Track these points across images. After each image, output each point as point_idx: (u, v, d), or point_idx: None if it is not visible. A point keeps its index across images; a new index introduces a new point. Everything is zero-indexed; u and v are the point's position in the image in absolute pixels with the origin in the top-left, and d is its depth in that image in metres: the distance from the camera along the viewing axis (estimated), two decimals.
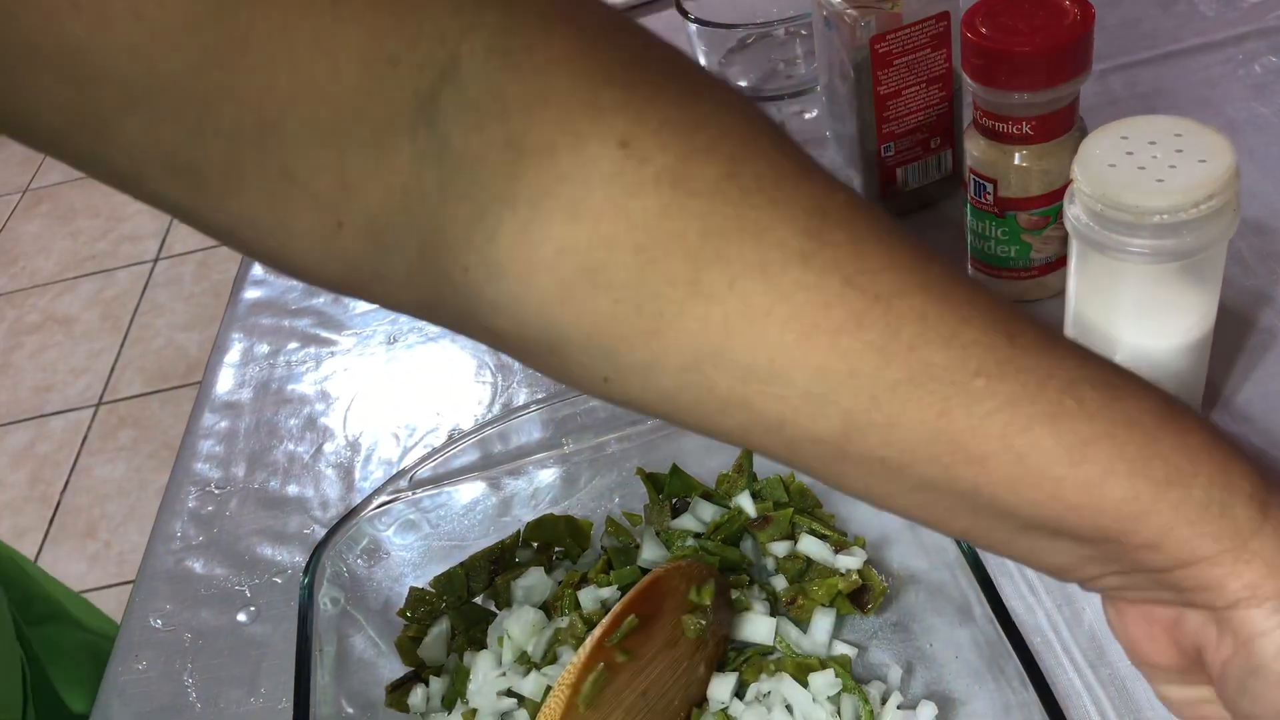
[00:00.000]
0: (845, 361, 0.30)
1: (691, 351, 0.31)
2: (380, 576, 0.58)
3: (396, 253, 0.32)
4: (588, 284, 0.31)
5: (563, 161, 0.30)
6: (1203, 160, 0.47)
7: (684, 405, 0.33)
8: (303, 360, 0.77)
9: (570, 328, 0.32)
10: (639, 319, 0.31)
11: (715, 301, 0.30)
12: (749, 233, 0.30)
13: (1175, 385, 0.53)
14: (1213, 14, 0.82)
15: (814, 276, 0.30)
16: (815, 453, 0.32)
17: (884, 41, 0.65)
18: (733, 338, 0.31)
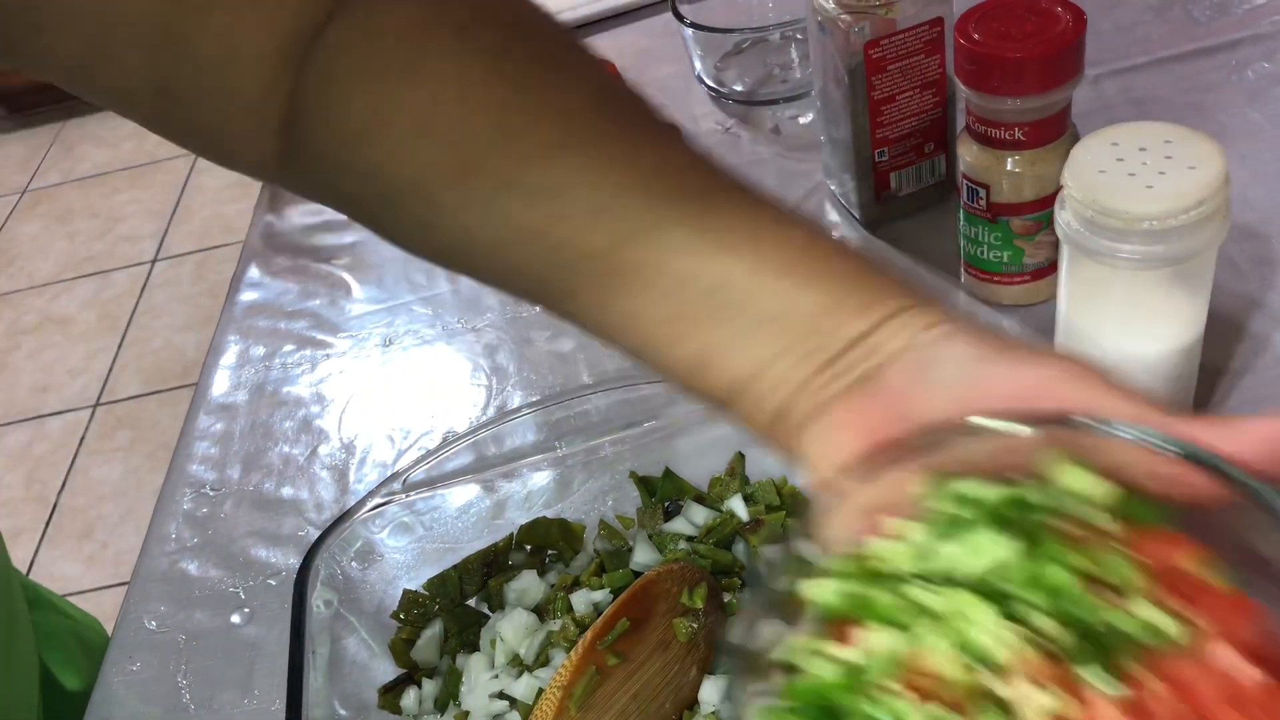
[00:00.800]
0: (621, 179, 0.39)
1: (494, 182, 0.39)
2: (374, 579, 0.58)
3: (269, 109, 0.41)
4: (417, 137, 0.40)
5: (410, 41, 0.40)
6: (1192, 167, 0.47)
7: (486, 243, 0.41)
8: (298, 363, 0.77)
9: (401, 178, 0.40)
10: (455, 162, 0.40)
11: (517, 140, 0.39)
12: (553, 87, 0.40)
13: (1165, 390, 0.54)
14: (1206, 20, 0.82)
15: (603, 124, 0.40)
16: (588, 269, 0.40)
17: (878, 47, 0.65)
18: (529, 168, 0.39)
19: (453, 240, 0.42)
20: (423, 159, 0.41)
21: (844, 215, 0.76)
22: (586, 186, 0.40)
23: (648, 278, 0.39)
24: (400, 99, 0.40)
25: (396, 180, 0.41)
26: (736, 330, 0.39)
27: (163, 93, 0.41)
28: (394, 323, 0.78)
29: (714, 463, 0.60)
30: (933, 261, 0.70)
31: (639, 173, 0.40)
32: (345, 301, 0.81)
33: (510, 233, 0.41)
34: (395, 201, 0.42)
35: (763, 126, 0.85)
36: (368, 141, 0.41)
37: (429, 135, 0.40)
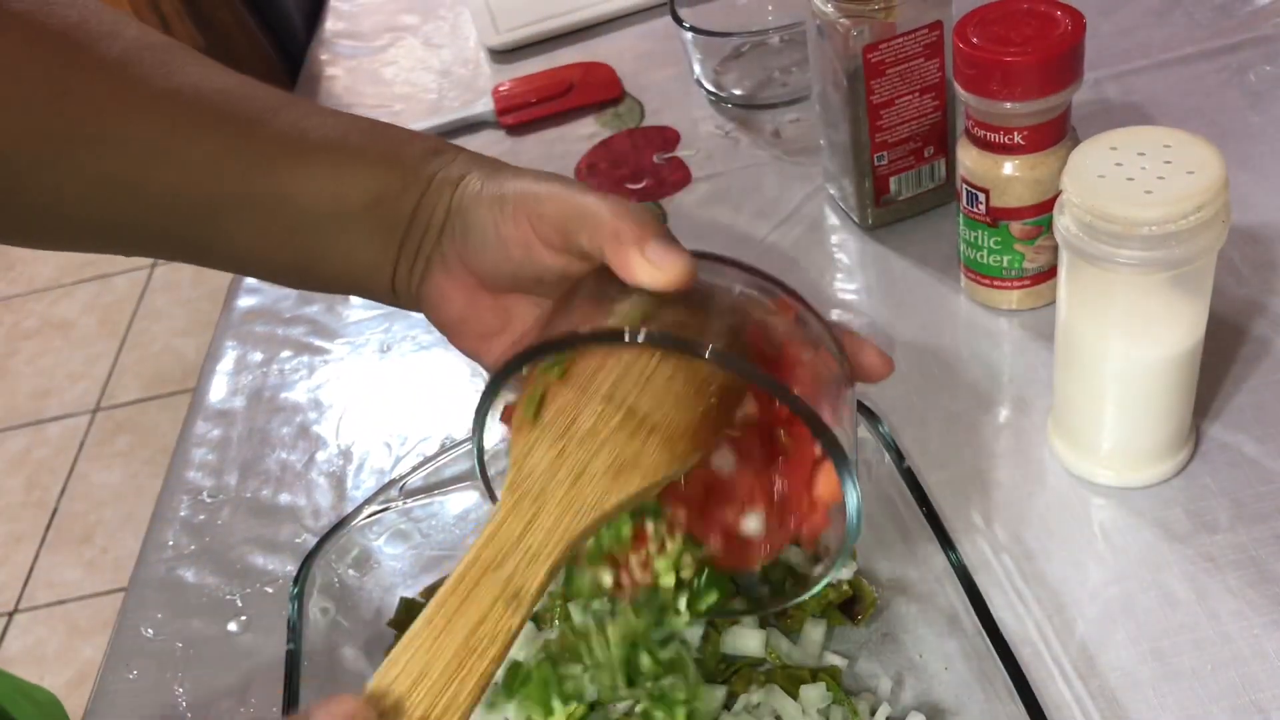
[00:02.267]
0: (188, 118, 0.46)
1: (65, 140, 0.45)
2: (371, 586, 0.58)
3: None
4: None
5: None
6: (1191, 171, 0.47)
7: (75, 199, 0.46)
8: (296, 368, 0.77)
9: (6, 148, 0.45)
10: (21, 126, 0.45)
11: (74, 96, 0.45)
12: (101, 39, 0.46)
13: (1166, 395, 0.53)
14: (1207, 23, 0.82)
15: (152, 69, 0.46)
16: (176, 210, 0.47)
17: (877, 51, 0.65)
18: (103, 121, 0.45)
19: (42, 203, 0.47)
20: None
21: (843, 219, 0.76)
22: (174, 144, 0.46)
23: (239, 210, 0.47)
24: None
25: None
26: (316, 238, 0.48)
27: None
28: (391, 329, 0.78)
29: None
30: (932, 266, 0.70)
31: (202, 110, 0.47)
32: (343, 307, 0.81)
33: (100, 188, 0.47)
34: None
35: (762, 130, 0.85)
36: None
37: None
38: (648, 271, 0.41)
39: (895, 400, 0.63)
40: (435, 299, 0.49)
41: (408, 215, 0.48)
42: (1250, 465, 0.56)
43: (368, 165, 0.48)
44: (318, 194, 0.47)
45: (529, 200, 0.45)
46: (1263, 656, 0.49)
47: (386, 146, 0.49)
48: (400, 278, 0.49)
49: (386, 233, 0.48)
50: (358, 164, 0.48)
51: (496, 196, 0.46)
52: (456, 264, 0.48)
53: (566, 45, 0.99)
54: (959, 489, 0.58)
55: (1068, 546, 0.55)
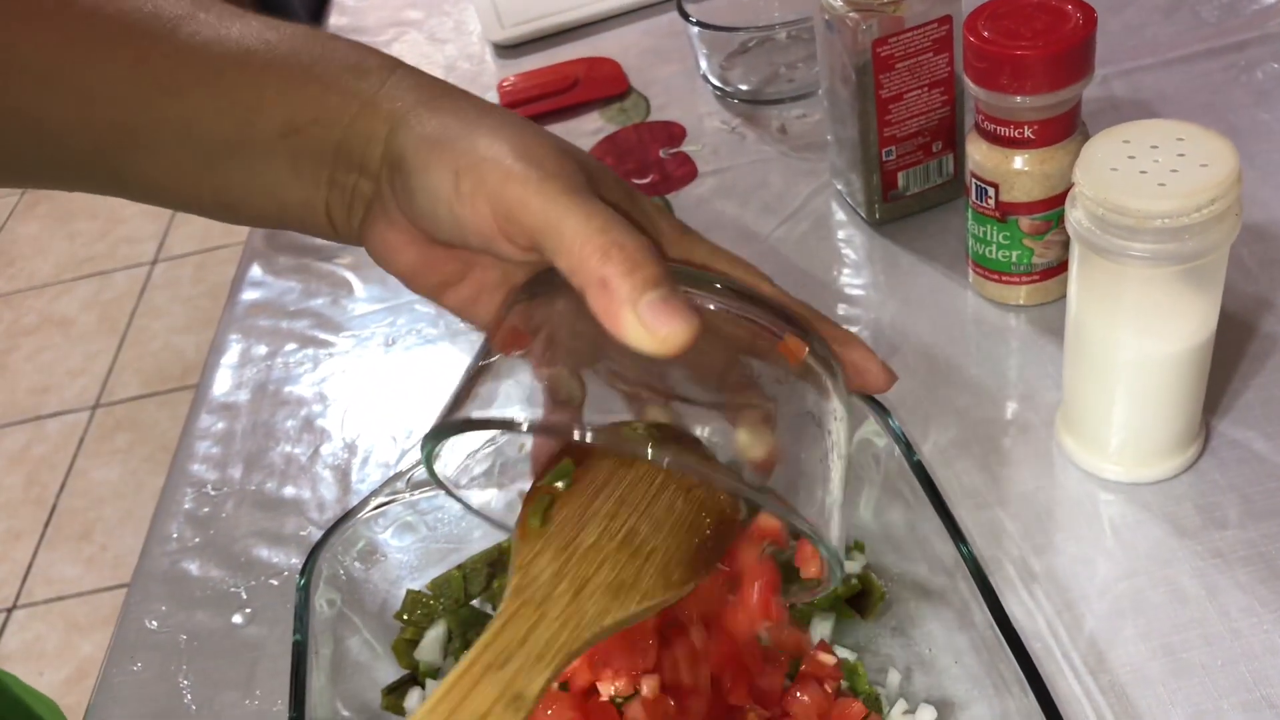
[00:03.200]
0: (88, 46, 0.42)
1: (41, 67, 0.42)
2: (377, 579, 0.58)
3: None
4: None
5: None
6: (1204, 164, 0.47)
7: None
8: (300, 362, 0.77)
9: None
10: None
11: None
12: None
13: (1176, 390, 0.53)
14: (1215, 20, 0.82)
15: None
16: (90, 144, 0.43)
17: (886, 45, 0.65)
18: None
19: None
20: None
21: (850, 214, 0.75)
22: (71, 68, 0.42)
23: (145, 139, 0.43)
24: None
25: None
26: (233, 171, 0.43)
27: None
28: (396, 322, 0.78)
29: None
30: (940, 261, 0.70)
31: (96, 29, 0.42)
32: (348, 301, 0.81)
33: (11, 118, 0.42)
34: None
35: (769, 126, 0.85)
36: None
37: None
38: (642, 339, 0.35)
39: (904, 395, 0.63)
40: (380, 249, 0.43)
41: (331, 148, 0.42)
42: (1260, 461, 0.56)
43: (275, 86, 0.41)
44: (222, 121, 0.42)
45: (491, 188, 0.38)
46: (1273, 652, 0.49)
47: (298, 62, 0.42)
48: (337, 219, 0.43)
49: (310, 170, 0.42)
50: (264, 84, 0.41)
51: (451, 163, 0.39)
52: (400, 219, 0.42)
53: (571, 40, 0.99)
54: (968, 484, 0.58)
55: (1077, 542, 0.54)
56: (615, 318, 0.35)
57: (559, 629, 0.38)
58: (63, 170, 0.46)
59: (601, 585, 0.39)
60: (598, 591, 0.39)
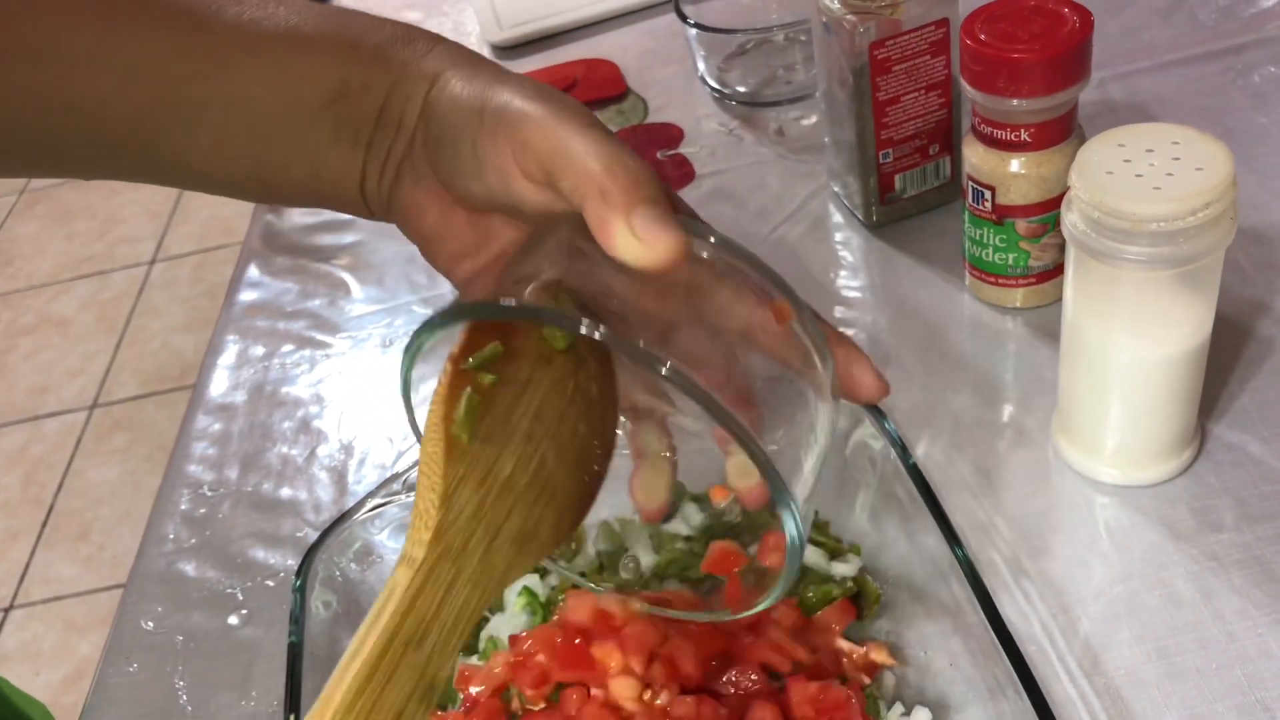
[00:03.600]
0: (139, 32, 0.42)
1: (19, 53, 0.41)
2: (373, 580, 0.58)
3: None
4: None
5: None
6: (1200, 168, 0.47)
7: (20, 117, 0.42)
8: (297, 363, 0.77)
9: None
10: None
11: (31, 9, 0.41)
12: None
13: (1172, 393, 0.53)
14: (1212, 24, 0.82)
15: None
16: (128, 126, 0.43)
17: (883, 47, 0.65)
18: (56, 36, 0.41)
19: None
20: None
21: (847, 217, 0.75)
22: (114, 48, 0.42)
23: (189, 114, 0.43)
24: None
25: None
26: (276, 142, 0.43)
27: None
28: (394, 323, 0.78)
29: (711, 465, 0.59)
30: (937, 264, 0.70)
31: (140, 10, 0.42)
32: (345, 302, 0.81)
33: (38, 103, 0.42)
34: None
35: (766, 128, 0.85)
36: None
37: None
38: (630, 247, 0.35)
39: (901, 397, 0.63)
40: (407, 209, 0.44)
41: (375, 112, 0.43)
42: (1255, 464, 0.56)
43: (326, 56, 0.43)
44: (271, 92, 0.43)
45: (511, 121, 0.39)
46: (1267, 655, 0.49)
47: (347, 34, 0.43)
48: (370, 184, 0.44)
49: (352, 132, 0.43)
50: (314, 55, 0.43)
51: (478, 108, 0.40)
52: (428, 174, 0.43)
53: (570, 42, 0.99)
54: (964, 486, 0.58)
55: (1072, 545, 0.55)
56: (608, 225, 0.35)
57: (470, 590, 0.35)
58: (105, 155, 0.45)
59: (510, 535, 0.36)
60: (506, 543, 0.36)
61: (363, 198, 0.45)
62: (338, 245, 0.86)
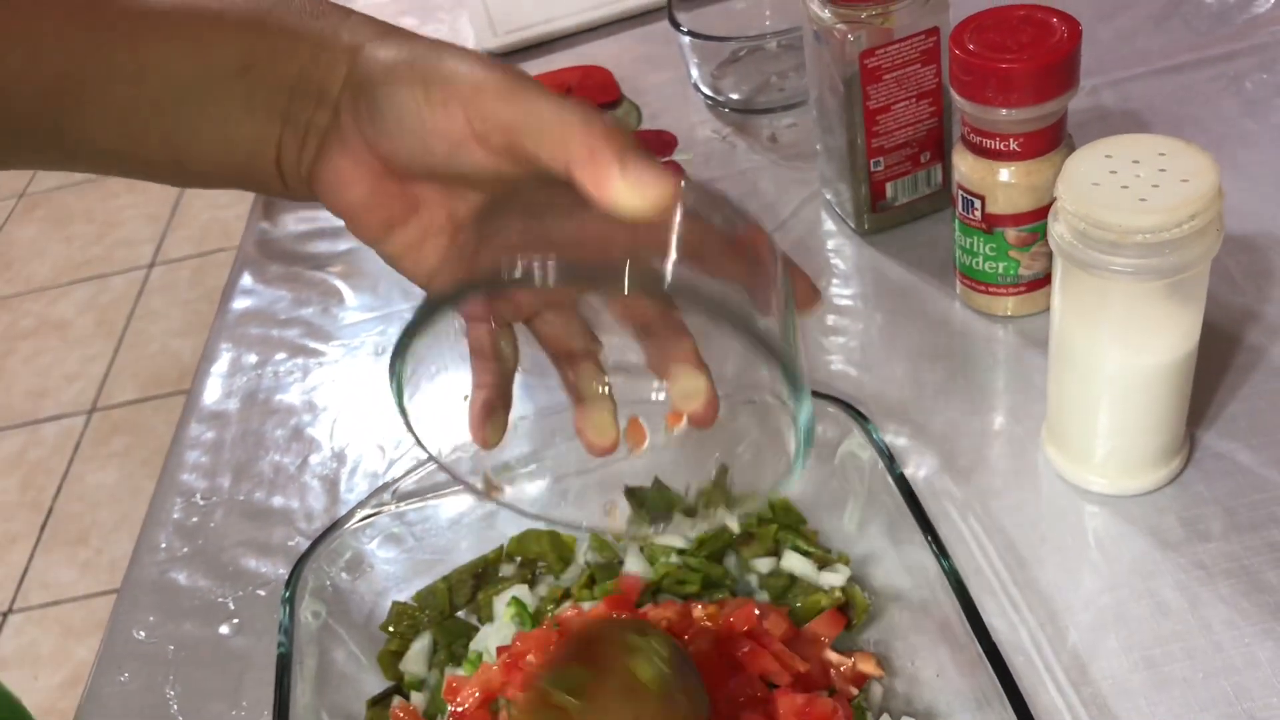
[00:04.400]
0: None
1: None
2: (363, 590, 0.58)
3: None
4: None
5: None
6: (1185, 180, 0.47)
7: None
8: (290, 371, 0.77)
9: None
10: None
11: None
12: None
13: (1160, 402, 0.53)
14: (1204, 31, 0.82)
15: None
16: (33, 103, 0.42)
17: (874, 56, 0.65)
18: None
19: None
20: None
21: (839, 224, 0.76)
22: (13, 27, 0.41)
23: (95, 89, 0.42)
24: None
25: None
26: (185, 115, 0.43)
27: None
28: (387, 331, 0.78)
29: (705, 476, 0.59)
30: (928, 271, 0.70)
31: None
32: (338, 309, 0.81)
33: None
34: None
35: (759, 135, 0.85)
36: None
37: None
38: (627, 196, 0.35)
39: (889, 405, 0.63)
40: (331, 182, 0.43)
41: (288, 84, 0.42)
42: (1243, 474, 0.56)
43: (231, 28, 0.42)
44: (177, 64, 0.42)
45: (468, 91, 0.39)
46: (1254, 665, 0.49)
47: (254, 7, 0.43)
48: (287, 159, 0.43)
49: (265, 103, 0.42)
50: (220, 28, 0.42)
51: (420, 76, 0.40)
52: (358, 145, 0.42)
53: (564, 49, 0.99)
54: (952, 495, 0.58)
55: (1060, 554, 0.55)
56: (605, 181, 0.36)
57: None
58: (11, 133, 0.44)
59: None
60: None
61: (279, 173, 0.44)
62: (331, 253, 0.86)
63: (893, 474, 0.53)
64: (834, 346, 0.67)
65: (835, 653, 0.51)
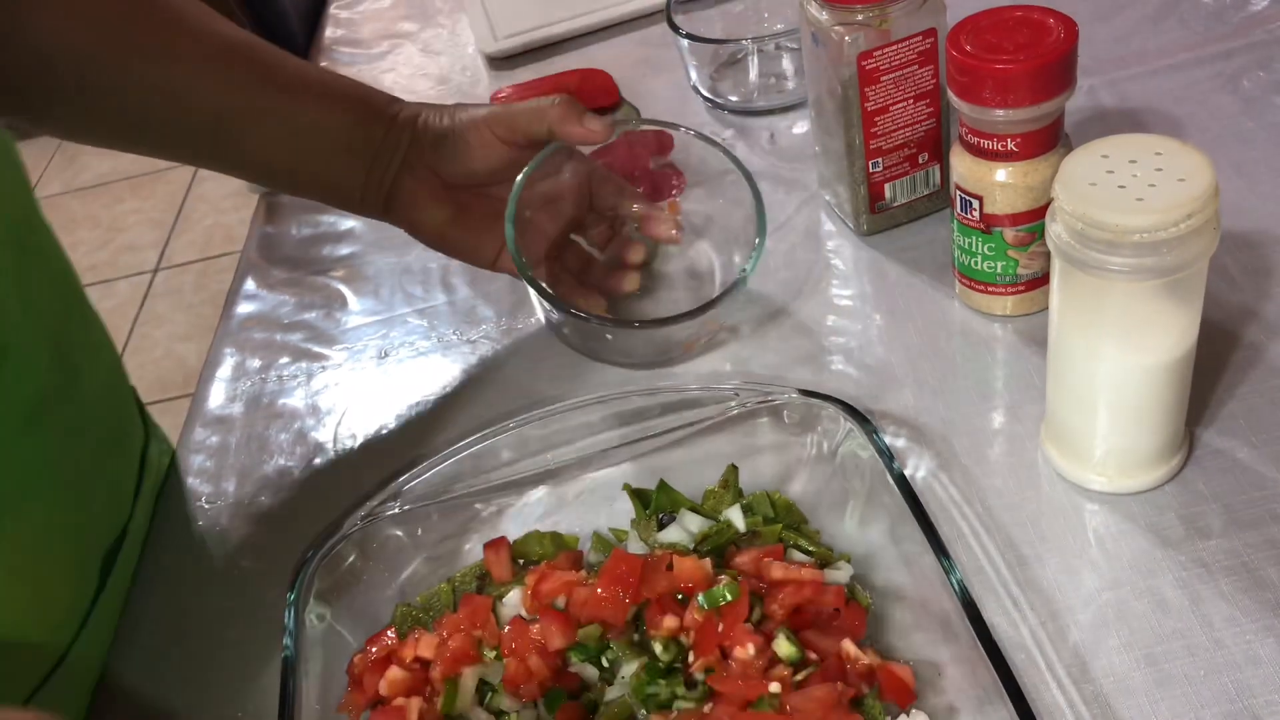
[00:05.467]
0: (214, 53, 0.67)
1: (136, 52, 0.64)
2: (367, 593, 0.58)
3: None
4: (66, 18, 0.62)
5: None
6: (1182, 179, 0.47)
7: (136, 106, 0.65)
8: (294, 375, 0.77)
9: (58, 49, 0.62)
10: (98, 36, 0.63)
11: (146, 18, 0.65)
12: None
13: (1159, 401, 0.53)
14: (1201, 30, 0.82)
15: (230, 23, 0.68)
16: (208, 126, 0.66)
17: (871, 58, 0.65)
18: (166, 39, 0.66)
19: (110, 105, 0.64)
20: (74, 33, 0.61)
21: (838, 225, 0.76)
22: (208, 55, 0.65)
23: (247, 121, 0.66)
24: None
25: (51, 50, 0.61)
26: (305, 151, 0.68)
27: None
28: (389, 335, 0.78)
29: (707, 474, 0.60)
30: (927, 271, 0.71)
31: (236, 46, 0.66)
32: (341, 314, 0.81)
33: (157, 94, 0.64)
34: (50, 70, 0.62)
35: (758, 137, 0.85)
36: (29, 19, 0.60)
37: (75, 16, 0.61)
38: (586, 135, 0.66)
39: (889, 406, 0.63)
40: (406, 199, 0.68)
41: (376, 143, 0.67)
42: (1243, 471, 0.56)
43: (346, 103, 0.68)
44: (309, 118, 0.67)
45: (485, 117, 0.67)
46: (1255, 662, 0.49)
47: (360, 92, 0.69)
48: (369, 190, 0.68)
49: (357, 155, 0.67)
50: (338, 101, 0.68)
51: (467, 121, 0.67)
52: (423, 171, 0.68)
53: (564, 52, 0.99)
54: (952, 494, 0.58)
55: (1061, 552, 0.55)
56: (572, 130, 0.66)
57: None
58: (191, 141, 0.67)
59: None
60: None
61: (360, 201, 0.69)
62: (334, 257, 0.86)
63: (893, 474, 0.53)
64: (834, 347, 0.68)
65: (854, 647, 0.50)
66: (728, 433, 0.60)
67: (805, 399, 0.58)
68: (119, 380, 0.73)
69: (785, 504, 0.58)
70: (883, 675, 0.49)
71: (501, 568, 0.57)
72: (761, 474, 0.60)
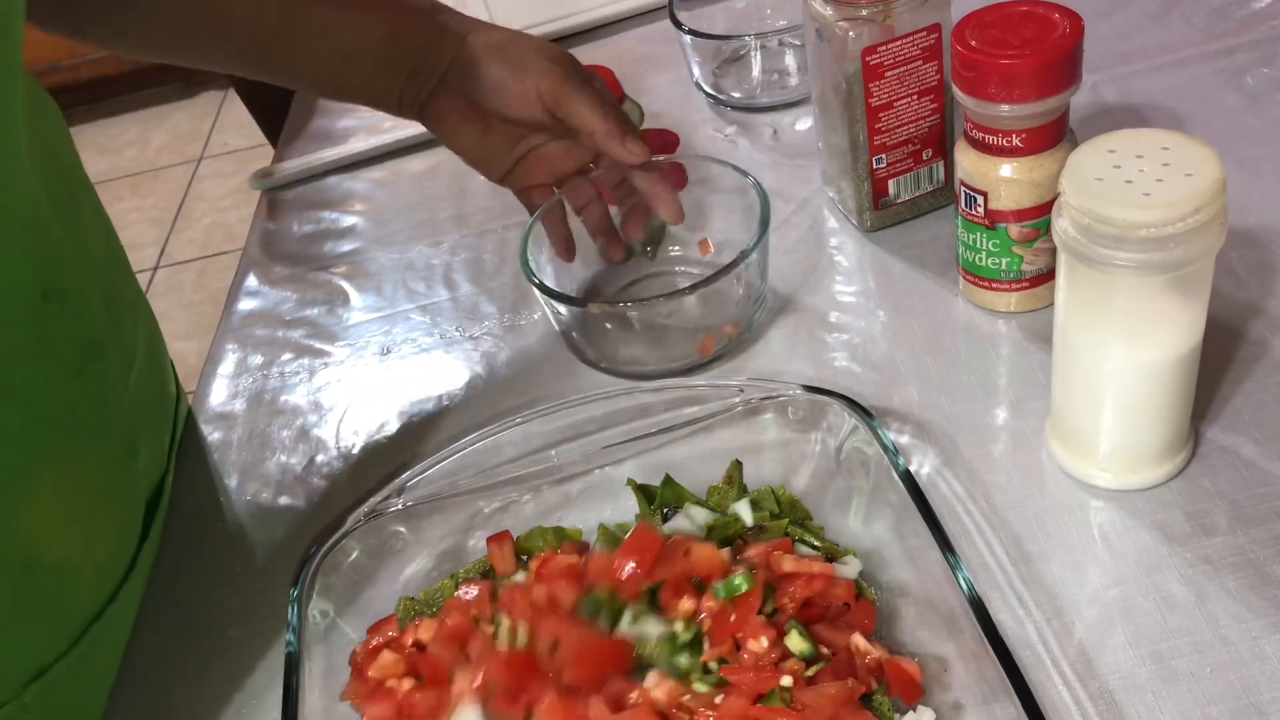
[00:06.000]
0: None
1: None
2: (371, 589, 0.58)
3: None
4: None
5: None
6: (1189, 174, 0.47)
7: (195, 12, 0.68)
8: (296, 371, 0.77)
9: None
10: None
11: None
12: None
13: (1165, 397, 0.53)
14: (1204, 26, 0.82)
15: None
16: (261, 35, 0.69)
17: (875, 53, 0.65)
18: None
19: (149, 12, 0.66)
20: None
21: (842, 221, 0.76)
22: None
23: (290, 32, 0.68)
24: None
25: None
26: (346, 61, 0.69)
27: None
28: (392, 331, 0.78)
29: (712, 471, 0.60)
30: (931, 268, 0.70)
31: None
32: (343, 310, 0.81)
33: (200, 5, 0.66)
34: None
35: (761, 133, 0.85)
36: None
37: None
38: (628, 157, 0.67)
39: (894, 402, 0.63)
40: (436, 115, 0.71)
41: (417, 54, 0.69)
42: (1248, 467, 0.56)
43: (384, 12, 0.69)
44: (351, 28, 0.68)
45: (538, 72, 0.67)
46: (1262, 659, 0.49)
47: (400, 2, 0.70)
48: (406, 99, 0.70)
49: (398, 65, 0.69)
50: (378, 10, 0.69)
51: (509, 59, 0.68)
52: (460, 95, 0.69)
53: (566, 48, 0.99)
54: (956, 491, 0.58)
55: (1066, 549, 0.55)
56: (616, 150, 0.67)
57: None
58: (232, 50, 0.69)
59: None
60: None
61: (398, 105, 0.71)
62: (336, 253, 0.86)
63: (898, 470, 0.53)
64: (838, 343, 0.68)
65: (864, 641, 0.50)
66: (732, 429, 0.60)
67: (810, 395, 0.58)
68: (156, 334, 0.74)
69: (790, 500, 0.58)
70: (890, 671, 0.49)
71: (505, 561, 0.57)
72: (766, 470, 0.59)
